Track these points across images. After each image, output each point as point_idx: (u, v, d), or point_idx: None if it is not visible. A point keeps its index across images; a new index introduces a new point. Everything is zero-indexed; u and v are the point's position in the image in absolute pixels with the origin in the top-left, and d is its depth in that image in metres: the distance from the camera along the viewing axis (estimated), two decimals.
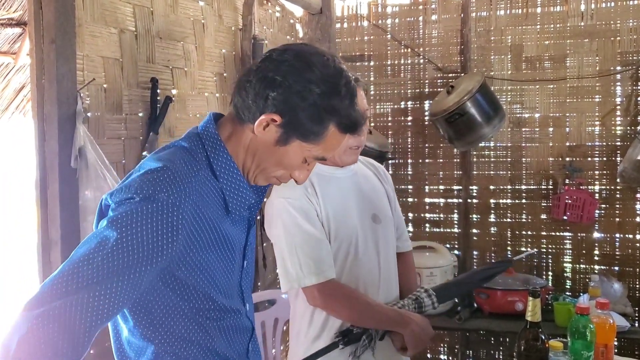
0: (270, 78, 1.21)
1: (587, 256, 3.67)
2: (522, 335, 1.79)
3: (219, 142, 1.27)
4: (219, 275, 1.28)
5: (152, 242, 1.12)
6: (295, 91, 1.21)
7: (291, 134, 1.24)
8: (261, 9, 3.38)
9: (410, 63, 3.96)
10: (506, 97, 3.75)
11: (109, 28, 2.13)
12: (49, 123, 1.87)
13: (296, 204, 1.88)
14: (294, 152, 1.27)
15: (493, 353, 3.84)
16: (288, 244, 1.87)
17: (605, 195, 3.62)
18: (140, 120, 2.27)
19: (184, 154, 1.25)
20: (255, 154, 1.28)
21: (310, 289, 1.87)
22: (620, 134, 3.58)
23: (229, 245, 1.29)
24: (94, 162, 1.92)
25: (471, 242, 3.87)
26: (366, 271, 1.98)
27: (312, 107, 1.22)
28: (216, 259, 1.26)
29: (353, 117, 1.27)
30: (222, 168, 1.27)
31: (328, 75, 1.23)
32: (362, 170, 2.11)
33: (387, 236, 2.06)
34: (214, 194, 1.26)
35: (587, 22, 3.60)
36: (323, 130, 1.24)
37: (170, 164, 1.19)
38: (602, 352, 1.86)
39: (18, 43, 3.33)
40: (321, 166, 1.95)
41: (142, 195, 1.13)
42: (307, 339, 1.97)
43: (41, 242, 1.90)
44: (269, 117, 1.22)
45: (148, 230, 1.12)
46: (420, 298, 1.97)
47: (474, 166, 3.85)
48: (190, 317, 1.27)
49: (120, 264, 1.09)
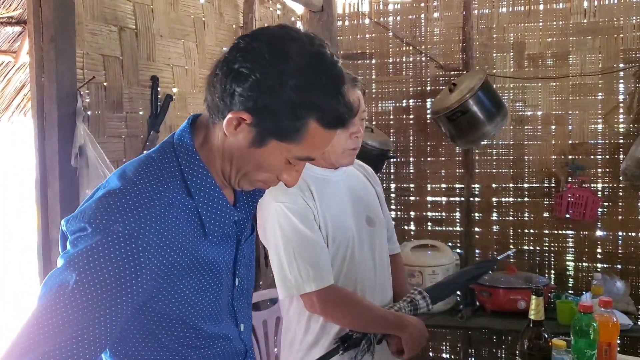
0: (236, 71, 1.05)
1: (589, 254, 3.65)
2: (525, 334, 1.78)
3: (193, 153, 1.12)
4: (201, 302, 1.15)
5: (113, 280, 1.00)
6: (265, 86, 1.04)
7: (266, 133, 1.07)
8: (262, 6, 3.37)
9: (412, 61, 3.94)
10: (508, 95, 3.74)
11: (109, 26, 2.12)
12: (49, 122, 1.87)
13: (294, 208, 1.83)
14: (273, 154, 1.10)
15: (495, 351, 3.83)
16: (286, 249, 1.82)
17: (608, 193, 3.61)
18: (140, 119, 2.26)
19: (151, 168, 1.10)
20: (232, 159, 1.12)
21: (309, 295, 1.82)
22: (623, 132, 3.56)
23: (210, 269, 1.15)
24: (95, 160, 1.91)
25: (473, 241, 3.86)
26: (362, 274, 1.96)
27: (287, 103, 1.04)
28: (196, 285, 1.12)
29: (338, 110, 1.08)
30: (196, 184, 1.11)
31: (305, 65, 1.05)
32: (353, 172, 2.08)
33: (381, 238, 2.05)
34: (187, 215, 1.10)
35: (590, 19, 3.58)
36: (302, 128, 1.07)
37: (130, 184, 1.06)
38: (605, 351, 1.85)
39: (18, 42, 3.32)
40: (316, 168, 1.93)
41: (94, 226, 1.01)
42: (303, 347, 1.93)
43: (41, 242, 1.90)
44: (237, 116, 1.06)
45: (106, 269, 1.00)
46: (415, 300, 1.96)
47: (476, 164, 3.84)
48: (169, 347, 1.15)
49: (85, 308, 0.99)
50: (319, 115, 1.07)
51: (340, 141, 1.88)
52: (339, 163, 1.95)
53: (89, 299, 0.99)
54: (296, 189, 1.85)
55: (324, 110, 1.07)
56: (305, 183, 1.90)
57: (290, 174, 1.16)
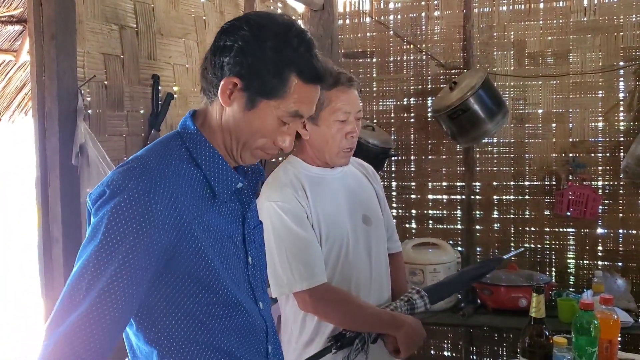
0: (222, 46, 1.22)
1: (590, 252, 3.65)
2: (526, 331, 1.78)
3: (197, 133, 1.27)
4: (219, 264, 1.23)
5: (133, 231, 1.12)
6: (248, 51, 1.20)
7: (255, 94, 1.22)
8: (263, 5, 3.37)
9: (412, 59, 3.95)
10: (509, 93, 3.74)
11: (109, 24, 2.12)
12: (49, 120, 1.87)
13: (286, 207, 1.84)
14: (265, 114, 1.24)
15: (496, 349, 3.84)
16: (278, 248, 1.83)
17: (609, 191, 3.61)
18: (141, 117, 2.26)
19: (160, 147, 1.26)
20: (231, 129, 1.26)
21: (302, 294, 1.83)
22: (624, 130, 3.56)
23: (220, 237, 1.25)
24: (95, 159, 1.91)
25: (474, 239, 3.86)
26: (357, 273, 1.95)
27: (268, 62, 1.20)
28: (211, 247, 1.22)
29: (314, 65, 1.24)
30: (202, 155, 1.26)
31: (280, 30, 1.23)
32: (351, 170, 2.07)
33: (378, 237, 2.04)
34: (196, 182, 1.23)
35: (590, 18, 3.58)
36: (285, 83, 1.22)
37: (141, 159, 1.21)
38: (606, 348, 1.85)
39: (19, 41, 3.32)
40: (311, 168, 1.94)
41: (111, 188, 1.14)
42: (299, 345, 1.94)
43: (42, 240, 1.90)
44: (229, 82, 1.21)
45: (126, 224, 1.12)
46: (412, 299, 1.95)
47: (477, 162, 3.84)
48: (194, 315, 1.22)
49: (110, 263, 1.11)
50: (297, 70, 1.22)
51: (335, 141, 1.89)
52: (334, 163, 1.95)
53: (112, 254, 1.11)
54: (289, 188, 1.87)
55: (301, 65, 1.23)
56: (299, 182, 1.90)
57: (284, 137, 1.28)
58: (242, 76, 1.21)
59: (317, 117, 1.88)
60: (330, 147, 1.90)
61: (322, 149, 1.92)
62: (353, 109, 1.90)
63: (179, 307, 1.22)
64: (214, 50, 1.24)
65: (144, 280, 1.15)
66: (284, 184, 1.89)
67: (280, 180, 1.92)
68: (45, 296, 1.87)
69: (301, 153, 1.98)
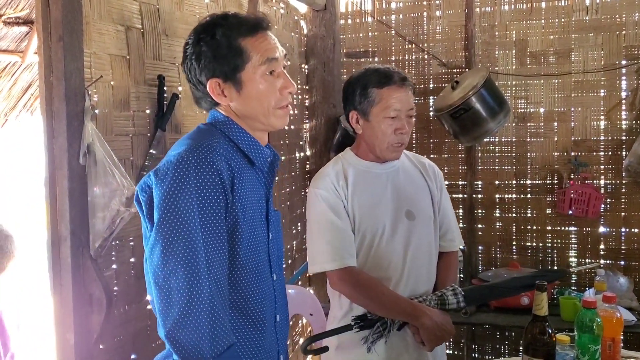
0: (190, 56, 1.43)
1: (592, 251, 3.67)
2: (529, 329, 1.79)
3: (228, 120, 1.45)
4: (245, 228, 1.37)
5: (200, 186, 1.28)
6: (210, 47, 1.40)
7: (234, 75, 1.40)
8: (266, 5, 3.39)
9: (414, 59, 3.96)
10: (511, 92, 3.76)
11: (115, 25, 2.13)
12: (57, 120, 1.88)
13: (323, 194, 2.02)
14: (253, 82, 1.42)
15: (498, 347, 3.85)
16: (315, 230, 2.03)
17: (611, 189, 3.62)
18: (147, 117, 2.27)
19: (197, 134, 1.43)
20: (245, 113, 1.45)
21: (331, 273, 2.01)
22: (626, 128, 3.58)
23: (252, 194, 1.41)
24: (102, 158, 1.93)
25: (476, 237, 3.88)
26: (388, 263, 2.05)
27: (224, 46, 1.39)
28: (243, 203, 1.37)
29: (247, 22, 1.42)
30: (236, 134, 1.44)
31: (219, 22, 1.42)
32: (405, 167, 2.17)
33: (421, 233, 2.10)
34: (236, 154, 1.41)
35: (592, 16, 3.60)
36: (241, 50, 1.40)
37: (185, 144, 1.36)
38: (609, 346, 1.87)
39: (25, 42, 3.34)
40: (361, 161, 2.10)
41: (170, 164, 1.30)
42: (335, 319, 2.11)
43: (51, 239, 1.91)
44: (212, 85, 1.41)
45: (191, 178, 1.28)
46: (444, 295, 2.00)
47: (479, 161, 3.86)
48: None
49: (187, 220, 1.27)
50: (240, 34, 1.41)
51: (385, 136, 2.03)
52: (384, 157, 2.08)
53: (187, 210, 1.26)
54: (331, 178, 2.05)
55: (239, 30, 1.41)
56: (343, 173, 2.07)
57: (279, 81, 1.45)
58: (215, 74, 1.41)
59: (369, 113, 2.04)
60: (380, 141, 2.04)
61: (373, 143, 2.06)
62: (404, 106, 2.03)
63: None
64: (188, 65, 1.45)
65: (223, 231, 1.32)
66: (327, 173, 2.08)
67: (326, 170, 2.11)
68: (54, 293, 1.89)
69: (356, 147, 2.16)
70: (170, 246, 1.25)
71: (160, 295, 1.26)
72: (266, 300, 1.44)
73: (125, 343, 2.07)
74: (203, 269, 1.26)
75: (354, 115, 2.09)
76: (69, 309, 1.86)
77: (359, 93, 2.05)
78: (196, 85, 1.45)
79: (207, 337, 1.23)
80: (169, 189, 1.26)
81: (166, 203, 1.26)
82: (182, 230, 1.25)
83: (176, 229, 1.25)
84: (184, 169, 1.27)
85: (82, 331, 1.88)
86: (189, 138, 1.39)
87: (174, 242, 1.25)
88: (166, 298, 1.25)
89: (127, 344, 2.09)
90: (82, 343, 1.88)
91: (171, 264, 1.24)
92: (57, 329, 1.88)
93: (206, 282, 1.25)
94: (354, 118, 2.09)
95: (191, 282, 1.24)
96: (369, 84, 2.03)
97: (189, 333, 1.22)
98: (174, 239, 1.25)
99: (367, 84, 2.04)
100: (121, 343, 2.06)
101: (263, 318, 1.43)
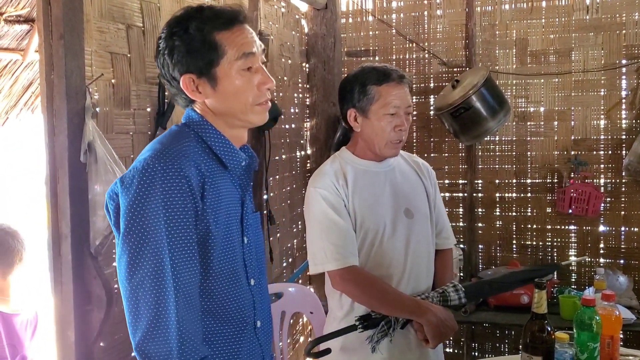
0: (163, 51, 1.36)
1: (592, 249, 3.68)
2: (528, 327, 1.80)
3: (203, 120, 1.39)
4: (217, 232, 1.33)
5: (165, 188, 1.23)
6: (182, 42, 1.34)
7: (209, 71, 1.35)
8: (267, 4, 3.39)
9: (415, 58, 3.97)
10: (511, 91, 3.76)
11: (116, 24, 2.14)
12: (58, 118, 1.88)
13: (324, 194, 2.00)
14: (230, 77, 1.36)
15: (498, 346, 3.86)
16: (316, 229, 2.00)
17: (611, 188, 3.63)
18: (148, 116, 2.28)
19: (168, 136, 1.37)
20: (222, 110, 1.39)
21: (333, 273, 1.98)
22: (626, 127, 3.58)
23: (226, 198, 1.36)
24: (103, 156, 1.93)
25: (476, 236, 3.88)
26: (390, 261, 2.04)
27: (198, 40, 1.33)
28: (216, 209, 1.33)
29: (222, 15, 1.37)
30: (209, 136, 1.38)
31: (192, 14, 1.37)
32: (401, 166, 2.17)
33: (420, 231, 2.10)
34: (208, 157, 1.36)
35: (592, 16, 3.60)
36: (216, 45, 1.34)
37: (154, 148, 1.31)
38: (608, 344, 1.87)
39: (26, 40, 3.33)
40: (359, 160, 2.09)
41: (137, 170, 1.25)
42: (335, 320, 2.08)
43: (51, 237, 1.92)
44: (186, 81, 1.35)
45: (157, 182, 1.24)
46: (446, 292, 2.00)
47: (479, 160, 3.86)
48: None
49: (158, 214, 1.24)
50: (215, 28, 1.35)
51: (385, 133, 2.02)
52: (383, 154, 2.07)
53: (154, 209, 1.23)
54: (331, 177, 2.03)
55: (213, 23, 1.35)
56: (342, 172, 2.05)
57: (257, 76, 1.39)
58: (189, 69, 1.35)
59: (368, 110, 2.03)
60: (379, 138, 2.03)
61: (372, 140, 2.05)
62: (403, 103, 2.03)
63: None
64: (161, 61, 1.38)
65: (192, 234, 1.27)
66: (326, 172, 2.06)
67: (324, 169, 2.08)
68: (54, 291, 1.89)
69: (352, 146, 2.13)
70: (135, 258, 1.22)
71: (128, 307, 1.23)
72: (244, 306, 1.41)
73: (125, 341, 2.08)
74: (169, 282, 1.22)
75: (352, 113, 2.07)
76: (70, 306, 1.86)
77: (357, 91, 2.04)
78: (170, 82, 1.39)
79: (176, 350, 1.21)
80: (134, 197, 1.22)
81: (131, 213, 1.23)
82: (147, 241, 1.22)
83: (141, 240, 1.22)
84: (150, 176, 1.23)
85: (82, 329, 1.88)
86: (158, 142, 1.34)
87: (140, 253, 1.22)
88: (134, 310, 1.23)
89: (127, 341, 2.08)
90: (82, 341, 1.88)
91: (138, 277, 1.22)
92: (57, 327, 1.89)
93: (172, 294, 1.22)
94: (352, 116, 2.07)
95: (158, 295, 1.21)
96: (368, 82, 2.02)
97: (157, 346, 1.21)
98: (139, 250, 1.22)
99: (365, 81, 2.03)
100: (121, 340, 2.06)
101: (241, 324, 1.40)
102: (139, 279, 1.22)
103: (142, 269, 1.22)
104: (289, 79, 3.70)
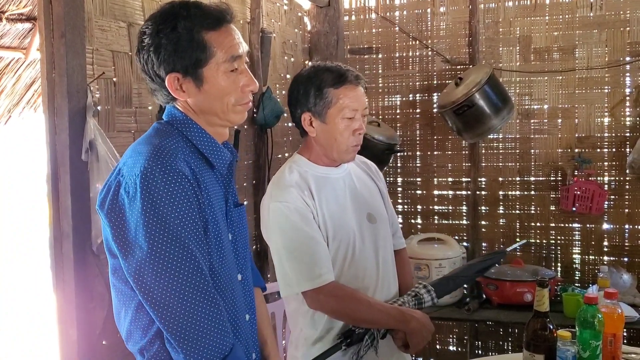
0: (148, 48, 1.34)
1: (596, 247, 3.66)
2: (531, 325, 1.79)
3: (186, 118, 1.39)
4: (212, 225, 1.35)
5: (167, 186, 1.24)
6: (169, 40, 1.31)
7: (195, 71, 1.33)
8: (269, 2, 3.39)
9: (418, 55, 3.96)
10: (515, 89, 3.75)
11: (117, 22, 2.14)
12: (59, 116, 1.89)
13: (292, 207, 1.85)
14: (215, 78, 1.35)
15: (502, 344, 3.85)
16: (286, 248, 1.85)
17: (615, 186, 3.61)
18: (149, 114, 2.28)
19: (153, 135, 1.37)
20: (204, 109, 1.38)
21: (310, 292, 1.84)
22: (630, 125, 3.57)
23: (214, 196, 1.37)
24: (105, 155, 1.94)
25: (480, 234, 3.87)
26: (364, 271, 1.96)
27: (185, 39, 1.31)
28: (209, 204, 1.34)
29: (210, 14, 1.35)
30: (194, 135, 1.38)
31: (167, 13, 1.34)
32: (354, 169, 2.09)
33: (383, 235, 2.05)
34: (195, 155, 1.36)
35: (596, 13, 3.58)
36: (204, 45, 1.33)
37: (139, 148, 1.32)
38: (610, 342, 1.86)
39: (28, 38, 3.35)
40: (316, 167, 1.96)
41: (142, 168, 1.25)
42: (308, 342, 1.94)
43: (53, 235, 1.92)
44: (171, 80, 1.33)
45: (158, 180, 1.25)
46: (419, 294, 1.96)
47: (483, 158, 3.85)
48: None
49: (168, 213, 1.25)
50: (203, 27, 1.33)
51: (343, 138, 1.91)
52: (341, 159, 1.97)
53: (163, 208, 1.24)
54: (295, 188, 1.88)
55: (201, 22, 1.33)
56: (305, 182, 1.91)
57: (242, 78, 1.39)
58: (175, 68, 1.33)
59: (325, 115, 1.90)
60: (338, 144, 1.92)
61: (330, 146, 1.93)
62: (360, 106, 1.92)
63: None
64: (145, 57, 1.35)
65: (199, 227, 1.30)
66: (289, 184, 1.90)
67: (285, 180, 1.92)
68: (56, 289, 1.90)
69: (306, 152, 2.00)
70: (171, 264, 1.24)
71: (175, 314, 1.25)
72: (237, 301, 1.43)
73: (120, 344, 2.08)
74: (209, 279, 1.29)
75: (307, 117, 1.94)
76: (72, 305, 1.87)
77: (313, 94, 1.90)
78: (153, 78, 1.37)
79: (232, 340, 1.30)
80: (143, 209, 1.23)
81: (149, 225, 1.23)
82: (176, 245, 1.24)
83: (170, 246, 1.24)
84: (151, 181, 1.23)
85: (84, 327, 1.89)
86: (147, 143, 1.32)
87: (174, 258, 1.24)
88: (184, 315, 1.25)
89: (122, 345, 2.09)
90: (84, 339, 1.89)
91: (179, 282, 1.25)
92: (59, 325, 1.89)
93: (214, 289, 1.29)
94: (307, 120, 1.94)
95: (206, 294, 1.27)
96: (324, 84, 1.89)
97: (220, 340, 1.28)
98: (172, 256, 1.24)
99: (321, 84, 1.90)
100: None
101: (235, 319, 1.42)
102: (181, 284, 1.24)
103: (183, 273, 1.24)
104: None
